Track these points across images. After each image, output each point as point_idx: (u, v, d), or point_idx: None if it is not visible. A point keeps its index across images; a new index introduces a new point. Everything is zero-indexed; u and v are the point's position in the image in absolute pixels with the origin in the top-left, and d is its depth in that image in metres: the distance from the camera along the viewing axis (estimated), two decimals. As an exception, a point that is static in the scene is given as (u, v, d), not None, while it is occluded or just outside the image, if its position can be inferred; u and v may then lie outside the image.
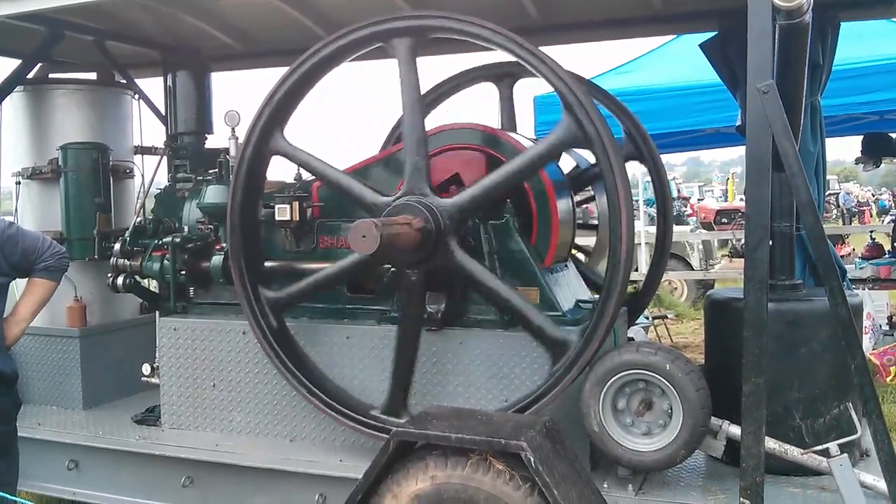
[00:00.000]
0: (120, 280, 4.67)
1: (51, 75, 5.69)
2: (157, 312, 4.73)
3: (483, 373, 3.92)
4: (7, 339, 4.13)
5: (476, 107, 7.08)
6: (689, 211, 26.98)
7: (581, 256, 5.56)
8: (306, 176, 4.47)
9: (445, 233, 3.64)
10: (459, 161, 4.14)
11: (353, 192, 3.87)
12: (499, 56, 4.72)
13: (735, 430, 3.49)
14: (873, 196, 36.92)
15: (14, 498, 3.84)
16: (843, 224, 27.00)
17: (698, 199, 33.75)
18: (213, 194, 4.49)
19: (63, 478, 4.64)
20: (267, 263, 4.24)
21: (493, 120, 5.22)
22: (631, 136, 4.97)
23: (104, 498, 4.53)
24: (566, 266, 4.42)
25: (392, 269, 4.04)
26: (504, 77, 5.23)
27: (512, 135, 4.28)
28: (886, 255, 10.97)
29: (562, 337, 3.60)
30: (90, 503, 4.61)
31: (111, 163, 5.30)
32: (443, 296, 3.99)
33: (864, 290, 8.88)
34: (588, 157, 4.94)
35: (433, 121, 4.64)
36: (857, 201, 33.35)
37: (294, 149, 3.98)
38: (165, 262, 4.53)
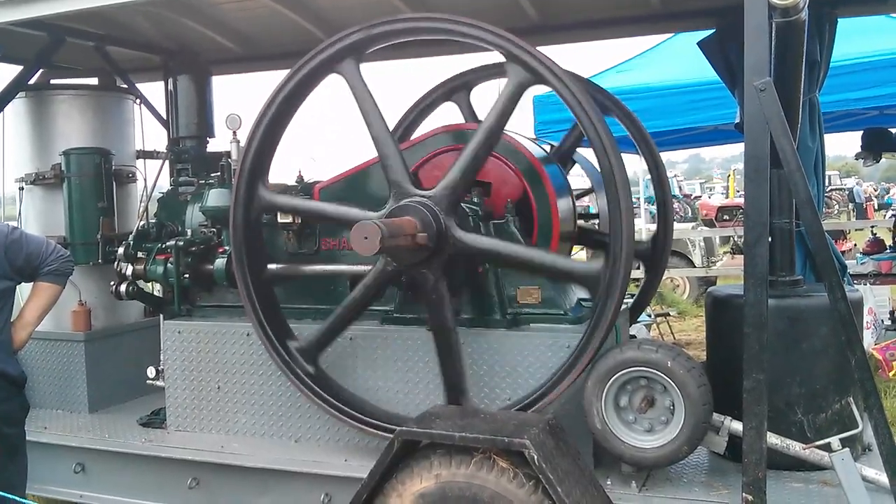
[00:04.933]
0: (123, 287, 4.68)
1: (52, 81, 5.72)
2: (162, 316, 4.76)
3: (486, 371, 3.94)
4: (14, 344, 4.16)
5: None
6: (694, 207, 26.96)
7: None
8: (308, 178, 4.50)
9: (444, 220, 3.66)
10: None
11: (337, 218, 3.95)
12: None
13: (737, 426, 3.51)
14: (875, 191, 36.87)
15: (23, 500, 3.87)
16: (857, 219, 26.71)
17: (695, 197, 33.79)
18: (216, 198, 4.51)
19: (70, 481, 4.67)
20: (270, 266, 4.25)
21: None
22: (637, 142, 4.99)
23: (111, 500, 4.55)
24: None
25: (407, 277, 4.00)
26: (456, 91, 5.32)
27: (514, 135, 4.29)
28: (888, 250, 10.96)
29: (590, 271, 3.65)
30: (97, 506, 4.65)
31: (114, 167, 5.32)
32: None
33: (865, 285, 8.88)
34: (590, 157, 4.94)
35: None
36: (864, 197, 33.28)
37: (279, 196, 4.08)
38: (169, 265, 4.55)
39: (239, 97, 9.92)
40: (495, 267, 3.93)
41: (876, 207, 32.40)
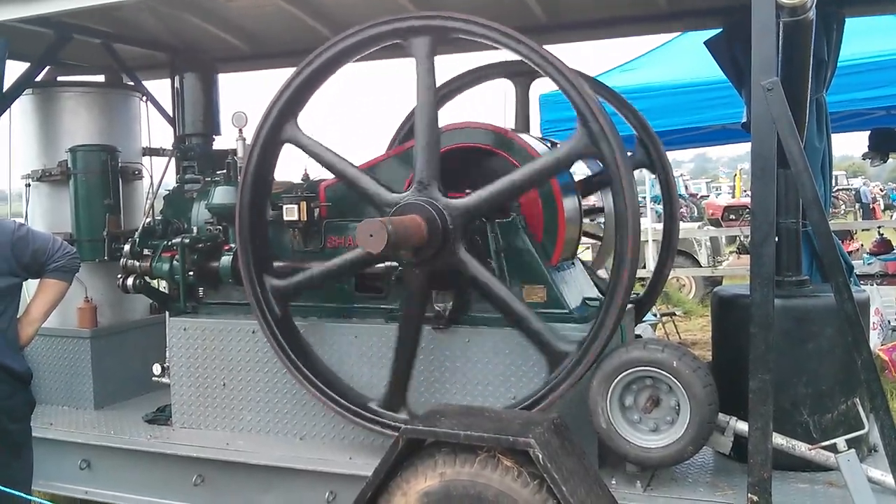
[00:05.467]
0: (130, 281, 4.69)
1: (59, 78, 5.73)
2: (167, 313, 4.77)
3: (491, 370, 3.94)
4: (21, 340, 4.17)
5: (482, 104, 7.08)
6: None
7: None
8: (313, 176, 4.51)
9: (452, 234, 3.66)
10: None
11: (362, 187, 3.89)
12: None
13: (742, 426, 3.50)
14: (882, 192, 36.72)
15: (29, 497, 3.89)
16: (864, 220, 26.64)
17: (701, 196, 33.72)
18: (222, 195, 4.52)
19: (75, 477, 4.68)
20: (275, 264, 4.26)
21: (502, 117, 5.20)
22: (642, 142, 4.97)
23: (116, 497, 4.57)
24: (573, 264, 4.43)
25: (399, 269, 4.06)
26: (521, 75, 5.18)
27: (525, 137, 4.27)
28: (895, 251, 10.94)
29: (561, 348, 3.62)
30: (102, 502, 4.65)
31: (120, 164, 5.32)
32: (450, 294, 4.02)
33: (872, 285, 8.87)
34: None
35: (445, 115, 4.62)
36: (870, 197, 33.17)
37: (307, 138, 3.99)
38: (175, 262, 4.55)
39: (245, 95, 9.93)
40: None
41: (882, 208, 32.28)
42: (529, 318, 3.67)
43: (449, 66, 5.47)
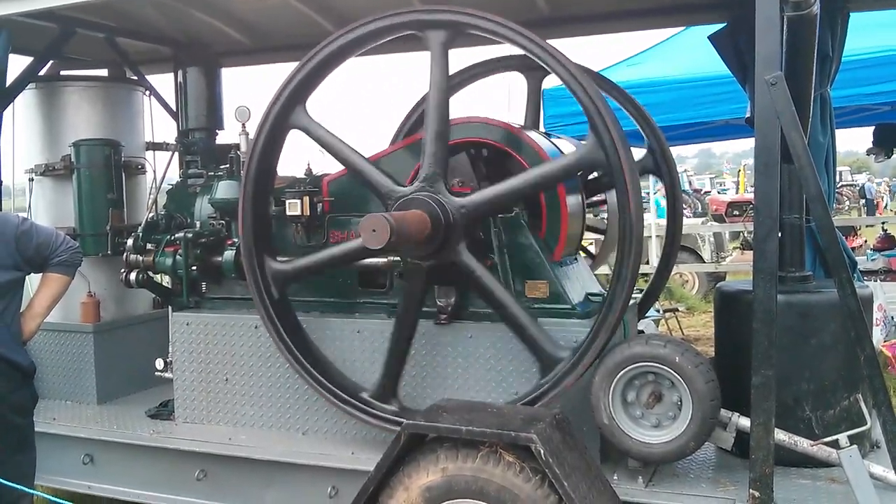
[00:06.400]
0: (133, 276, 4.69)
1: (62, 72, 5.73)
2: (170, 307, 4.77)
3: (493, 366, 3.94)
4: (24, 334, 4.18)
5: (486, 98, 7.07)
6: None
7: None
8: (317, 171, 4.50)
9: (455, 231, 3.67)
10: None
11: (368, 177, 3.88)
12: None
13: (745, 422, 3.49)
14: (889, 188, 36.60)
15: (32, 491, 3.90)
16: (868, 215, 26.57)
17: (705, 192, 33.64)
18: (225, 190, 4.52)
19: (78, 472, 4.69)
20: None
21: (509, 111, 5.17)
22: (651, 149, 4.96)
23: (119, 491, 4.58)
24: (576, 259, 4.43)
25: (402, 264, 4.05)
26: (536, 69, 5.09)
27: (535, 136, 4.24)
28: (899, 247, 10.93)
29: (555, 354, 3.64)
30: (105, 497, 4.67)
31: (123, 159, 5.32)
32: (453, 289, 4.02)
33: (875, 281, 8.86)
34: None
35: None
36: (874, 193, 33.05)
37: (316, 125, 3.97)
38: (178, 257, 4.55)
39: (248, 89, 9.93)
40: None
41: (886, 204, 32.19)
42: (526, 322, 3.69)
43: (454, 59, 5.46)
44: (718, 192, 34.41)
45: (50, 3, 4.36)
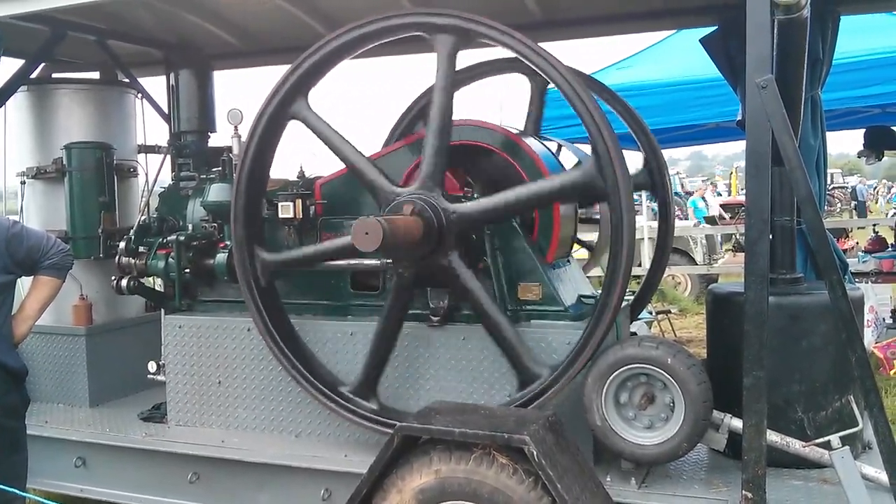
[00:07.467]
0: (124, 283, 4.68)
1: (54, 75, 5.71)
2: (163, 310, 4.76)
3: (486, 368, 3.94)
4: (15, 337, 4.17)
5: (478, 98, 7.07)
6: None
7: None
8: (309, 173, 4.50)
9: (447, 237, 3.67)
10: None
11: (364, 175, 3.87)
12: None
13: (737, 424, 3.50)
14: (886, 191, 36.72)
15: (24, 494, 3.89)
16: (859, 217, 26.62)
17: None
18: (217, 192, 4.51)
19: (70, 475, 4.67)
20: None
21: (501, 111, 5.14)
22: (647, 164, 4.97)
23: (111, 494, 4.57)
24: (568, 261, 4.44)
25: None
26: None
27: (534, 145, 4.23)
28: (890, 249, 10.96)
29: (535, 370, 3.65)
30: (98, 500, 4.65)
31: (115, 162, 5.31)
32: (445, 292, 4.02)
33: (867, 283, 8.88)
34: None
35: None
36: (866, 195, 33.14)
37: (316, 117, 3.96)
38: (170, 260, 4.55)
39: (240, 92, 9.92)
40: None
41: (876, 201, 32.28)
42: (511, 336, 3.70)
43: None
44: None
45: (40, 5, 4.34)
